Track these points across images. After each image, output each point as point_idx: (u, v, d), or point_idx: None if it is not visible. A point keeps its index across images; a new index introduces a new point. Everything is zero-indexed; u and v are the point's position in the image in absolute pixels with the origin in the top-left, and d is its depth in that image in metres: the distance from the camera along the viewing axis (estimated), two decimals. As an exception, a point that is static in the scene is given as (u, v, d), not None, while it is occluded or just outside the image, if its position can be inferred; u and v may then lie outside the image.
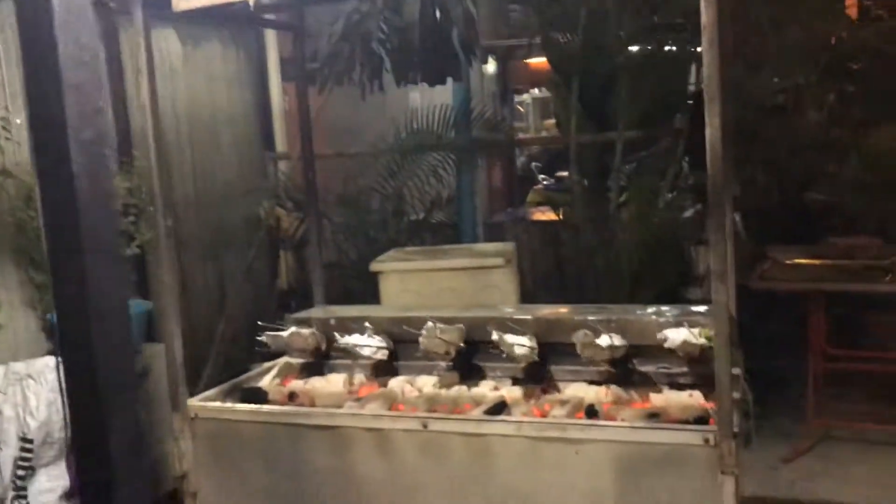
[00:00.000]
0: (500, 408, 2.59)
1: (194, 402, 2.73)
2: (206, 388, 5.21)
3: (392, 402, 2.72)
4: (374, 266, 4.66)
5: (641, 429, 2.27)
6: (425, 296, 4.54)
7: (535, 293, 5.90)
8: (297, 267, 6.39)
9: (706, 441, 2.19)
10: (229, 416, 2.66)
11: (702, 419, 2.43)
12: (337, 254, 5.78)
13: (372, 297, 4.99)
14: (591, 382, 2.82)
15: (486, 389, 2.85)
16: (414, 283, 4.56)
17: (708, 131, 2.09)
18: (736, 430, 2.16)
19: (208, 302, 5.79)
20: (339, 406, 2.71)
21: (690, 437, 2.22)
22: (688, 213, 5.93)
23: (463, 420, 2.41)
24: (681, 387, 2.76)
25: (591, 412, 2.48)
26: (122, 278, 2.01)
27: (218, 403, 2.74)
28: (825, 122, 5.70)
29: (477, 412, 2.54)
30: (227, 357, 5.41)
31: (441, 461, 2.43)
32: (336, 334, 2.95)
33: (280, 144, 6.38)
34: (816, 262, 4.66)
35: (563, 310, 3.11)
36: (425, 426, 2.43)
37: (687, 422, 2.43)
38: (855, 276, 4.45)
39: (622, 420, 2.43)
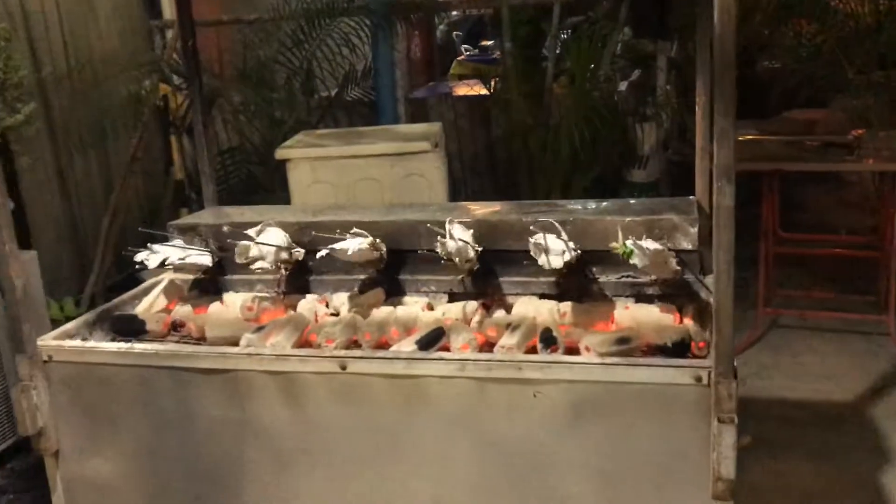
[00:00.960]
0: (436, 337, 2.09)
1: (47, 341, 2.15)
2: (94, 296, 4.61)
3: (302, 330, 2.19)
4: (281, 153, 4.04)
5: (614, 366, 1.80)
6: (341, 187, 3.97)
7: (464, 179, 5.39)
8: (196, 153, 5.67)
9: (698, 379, 1.75)
10: (92, 357, 2.10)
11: (682, 343, 1.99)
12: (238, 138, 5.10)
13: (281, 186, 4.41)
14: (543, 296, 2.35)
15: (417, 308, 2.36)
16: (327, 172, 3.97)
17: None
18: (736, 365, 1.72)
19: (92, 197, 5.09)
20: (235, 338, 2.17)
21: (677, 374, 1.77)
22: (622, 86, 5.44)
23: (390, 359, 1.91)
24: (648, 298, 2.32)
25: (549, 339, 2.01)
26: None
27: (77, 342, 2.16)
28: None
29: (408, 344, 2.04)
30: (117, 260, 4.78)
31: (364, 410, 1.94)
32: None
33: (167, 10, 5.54)
34: (773, 138, 4.24)
35: (505, 209, 2.59)
36: (343, 367, 1.92)
37: (665, 347, 1.99)
38: (814, 153, 4.06)
39: (586, 347, 1.98)
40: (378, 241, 2.35)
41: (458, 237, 2.20)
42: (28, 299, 2.10)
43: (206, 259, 2.49)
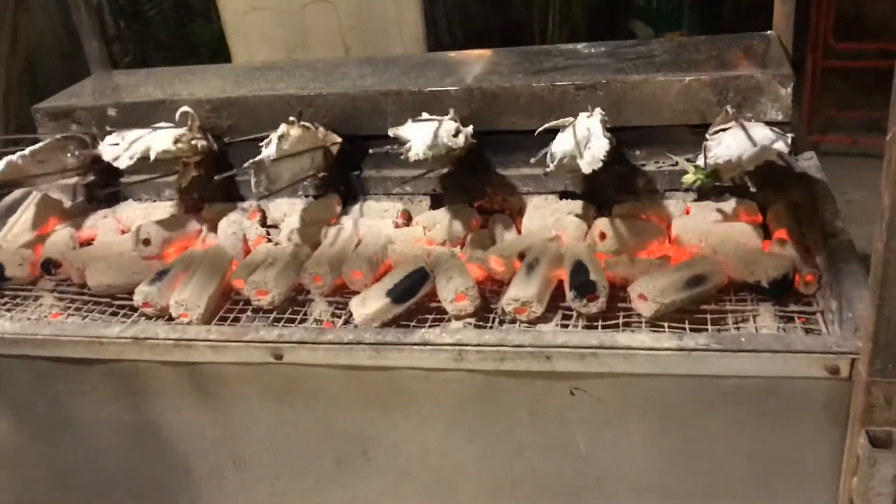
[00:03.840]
0: (416, 282, 1.42)
1: None
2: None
3: (221, 275, 1.52)
4: (205, -26, 3.15)
5: (700, 352, 1.15)
6: (285, 14, 3.13)
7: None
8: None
9: (833, 371, 1.11)
10: None
11: (783, 281, 1.33)
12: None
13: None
14: (564, 194, 1.66)
15: (387, 224, 1.66)
16: (267, -3, 3.11)
17: None
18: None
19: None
20: (128, 287, 1.51)
21: (799, 363, 1.12)
22: None
23: (347, 346, 1.24)
24: (715, 191, 1.63)
25: (584, 285, 1.34)
26: None
27: None
28: None
29: (376, 296, 1.37)
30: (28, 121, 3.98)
31: (316, 410, 1.31)
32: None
33: None
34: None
35: (505, 62, 1.82)
36: (279, 357, 1.26)
37: (758, 287, 1.34)
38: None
39: (641, 296, 1.32)
40: (324, 134, 1.62)
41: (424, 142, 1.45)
42: None
43: (82, 161, 1.75)
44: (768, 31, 1.81)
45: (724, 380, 1.15)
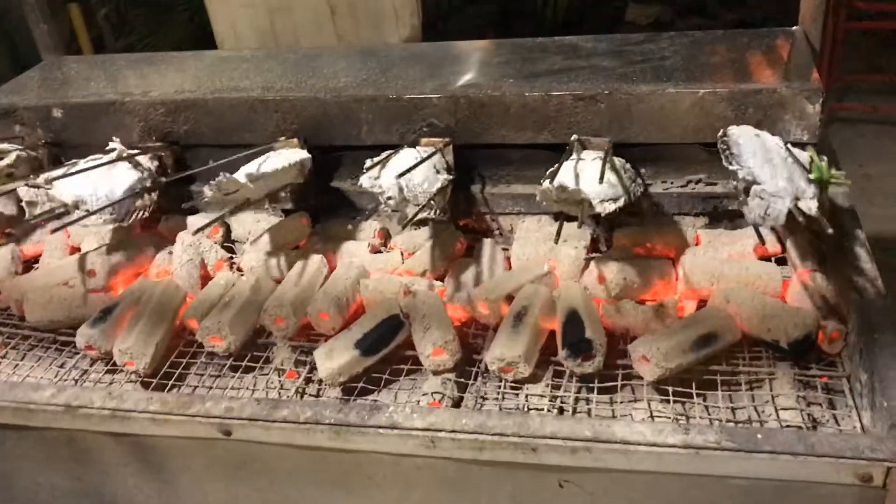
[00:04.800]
0: (390, 331, 1.26)
1: None
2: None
3: (172, 315, 1.35)
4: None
5: (710, 451, 0.98)
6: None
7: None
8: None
9: (865, 480, 0.95)
10: None
11: (805, 341, 1.16)
12: None
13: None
14: (559, 216, 1.48)
15: (362, 249, 1.49)
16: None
17: None
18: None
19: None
20: (71, 323, 1.36)
21: (826, 468, 0.96)
22: None
23: (304, 425, 1.08)
24: (727, 216, 1.45)
25: (579, 345, 1.18)
26: None
27: None
28: None
29: (344, 347, 1.21)
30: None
31: (273, 488, 1.16)
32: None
33: None
34: None
35: (495, 60, 1.62)
36: (227, 434, 1.11)
37: (776, 346, 1.17)
38: None
39: (643, 357, 1.15)
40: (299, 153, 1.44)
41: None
42: None
43: (26, 172, 1.57)
44: (794, 27, 1.60)
45: (736, 480, 0.99)
